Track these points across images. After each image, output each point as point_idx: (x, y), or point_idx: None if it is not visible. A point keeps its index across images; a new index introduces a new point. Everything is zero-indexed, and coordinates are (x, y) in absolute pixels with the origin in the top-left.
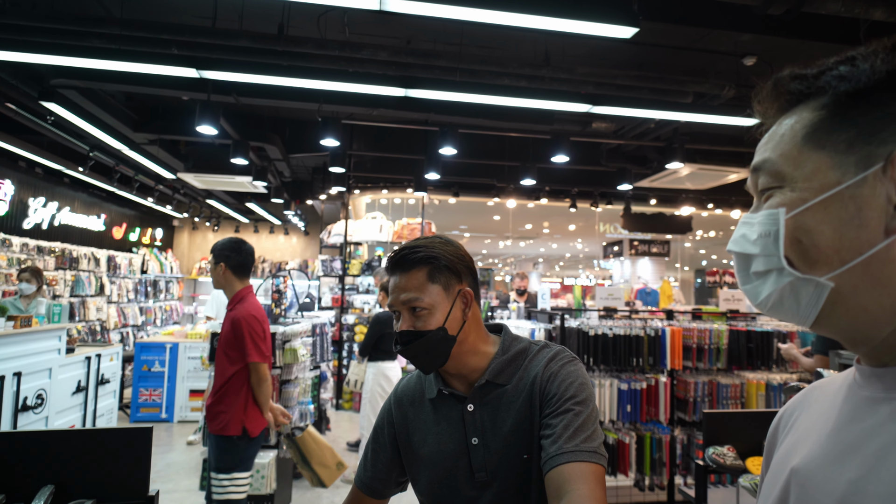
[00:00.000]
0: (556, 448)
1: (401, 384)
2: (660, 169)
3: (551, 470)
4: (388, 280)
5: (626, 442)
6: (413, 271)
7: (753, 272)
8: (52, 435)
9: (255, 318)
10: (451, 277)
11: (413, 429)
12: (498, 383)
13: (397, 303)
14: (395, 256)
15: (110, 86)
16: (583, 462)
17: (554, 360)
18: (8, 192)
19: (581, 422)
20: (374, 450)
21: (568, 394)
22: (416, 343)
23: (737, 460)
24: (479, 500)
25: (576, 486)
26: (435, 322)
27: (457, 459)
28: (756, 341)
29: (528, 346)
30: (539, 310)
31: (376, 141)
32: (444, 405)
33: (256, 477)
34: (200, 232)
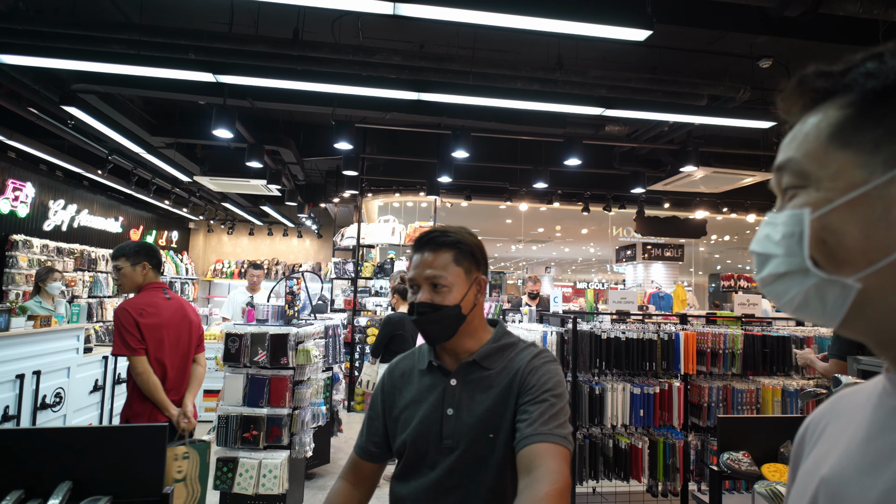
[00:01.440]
0: (532, 430)
1: (395, 360)
2: (674, 172)
3: (525, 448)
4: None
5: (639, 447)
6: (441, 252)
7: (777, 273)
8: (69, 432)
9: (126, 310)
10: (472, 264)
11: (399, 396)
12: (483, 366)
13: (421, 277)
14: (427, 236)
15: (129, 90)
16: (553, 444)
17: (537, 357)
18: (29, 195)
19: (556, 411)
20: (370, 416)
21: (547, 386)
22: (433, 314)
23: (752, 466)
24: (441, 463)
25: (545, 461)
26: (452, 299)
27: (431, 425)
28: (772, 346)
29: (517, 342)
30: (551, 313)
31: (389, 144)
32: (432, 376)
33: (269, 477)
34: (215, 234)
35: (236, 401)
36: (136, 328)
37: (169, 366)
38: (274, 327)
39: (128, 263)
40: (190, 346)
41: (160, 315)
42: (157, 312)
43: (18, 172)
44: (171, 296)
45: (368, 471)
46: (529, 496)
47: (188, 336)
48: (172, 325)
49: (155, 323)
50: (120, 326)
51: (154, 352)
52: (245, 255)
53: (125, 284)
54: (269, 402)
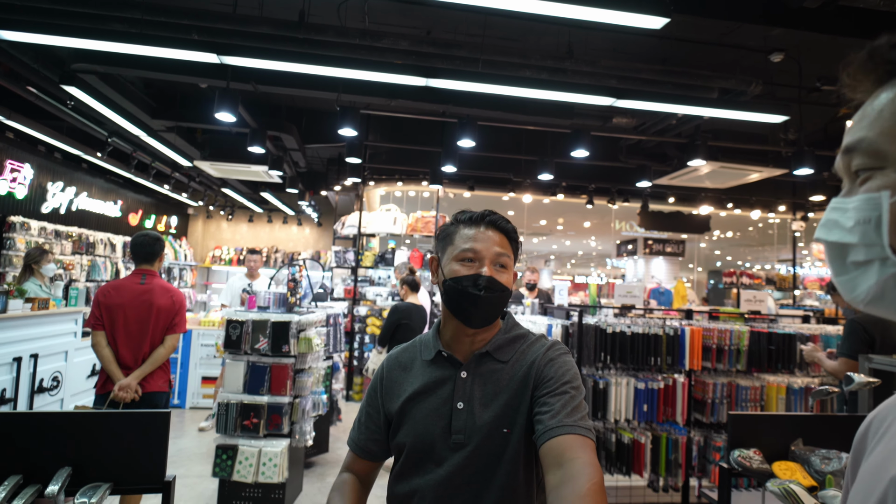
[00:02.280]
0: (556, 421)
1: (394, 351)
2: (680, 166)
3: (551, 439)
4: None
5: (642, 442)
6: (503, 234)
7: (851, 262)
8: (69, 417)
9: (98, 291)
10: (515, 255)
11: (400, 389)
12: (496, 358)
13: (489, 252)
14: (491, 215)
15: (130, 71)
16: (581, 436)
17: (552, 349)
18: (27, 176)
19: (577, 404)
20: (368, 413)
21: (566, 378)
22: (500, 294)
23: (763, 464)
24: (449, 460)
25: (577, 454)
26: (509, 280)
27: (438, 418)
28: (777, 343)
29: (527, 334)
30: (556, 306)
31: (392, 132)
32: (439, 367)
33: (269, 465)
34: (214, 221)
35: (237, 388)
36: (97, 306)
37: (120, 344)
38: (276, 314)
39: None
40: (147, 328)
41: (122, 297)
42: (119, 295)
43: (17, 153)
44: (146, 282)
45: (367, 468)
46: (571, 493)
47: (147, 319)
48: (132, 308)
49: (114, 303)
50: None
51: (109, 329)
52: (244, 241)
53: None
54: (269, 390)
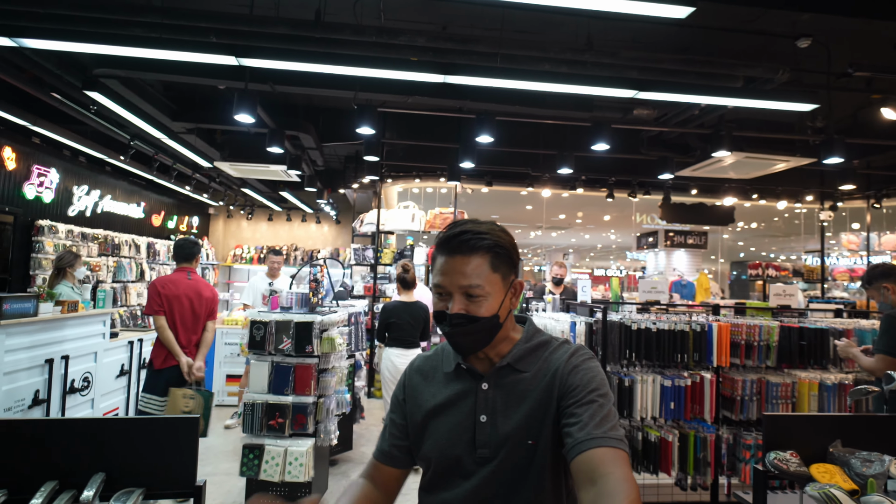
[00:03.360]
0: (585, 433)
1: (417, 360)
2: (703, 157)
3: (581, 453)
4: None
5: (669, 440)
6: (475, 256)
7: None
8: (102, 423)
9: (154, 284)
10: (509, 268)
11: (423, 400)
12: (517, 369)
13: (453, 286)
14: (457, 237)
15: (150, 75)
16: (613, 448)
17: (575, 355)
18: (54, 180)
19: (606, 413)
20: (392, 420)
21: (591, 386)
22: (468, 327)
23: (801, 467)
24: (476, 474)
25: (611, 468)
26: (488, 309)
27: (462, 433)
28: (809, 338)
29: (550, 340)
30: (579, 302)
31: (409, 129)
32: (459, 380)
33: (295, 465)
34: (235, 220)
35: (262, 388)
36: (157, 296)
37: (179, 326)
38: (298, 315)
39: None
40: (198, 314)
41: (177, 289)
42: (175, 287)
43: (43, 158)
44: (192, 277)
45: (391, 476)
46: None
47: (198, 307)
48: (186, 298)
49: (172, 294)
50: (149, 295)
51: (169, 315)
52: (264, 240)
53: None
54: (294, 390)
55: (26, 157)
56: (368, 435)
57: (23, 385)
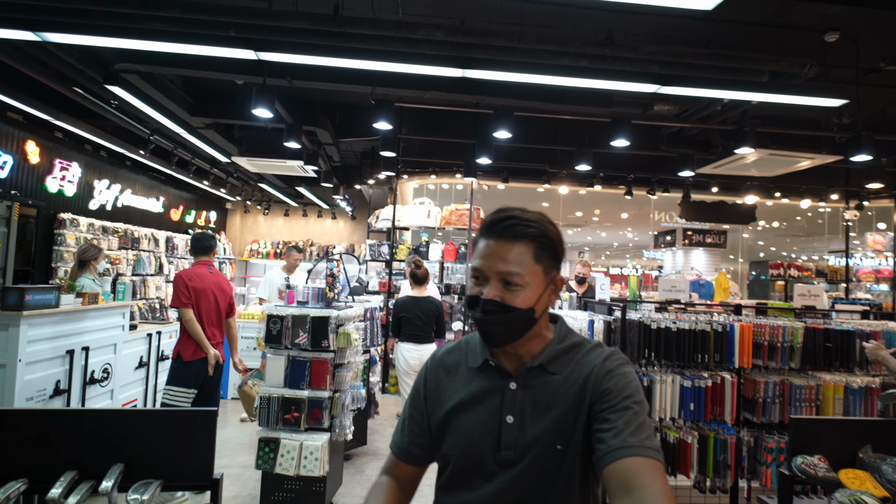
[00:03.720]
0: (620, 441)
1: (440, 352)
2: (725, 154)
3: (616, 461)
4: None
5: (688, 442)
6: (519, 243)
7: None
8: (121, 414)
9: (180, 277)
10: (552, 261)
11: (445, 395)
12: (549, 370)
13: (491, 270)
14: (503, 221)
15: (170, 70)
16: (650, 458)
17: (610, 359)
18: (76, 174)
19: (641, 421)
20: (412, 416)
21: (627, 392)
22: (501, 315)
23: (830, 472)
24: (499, 476)
25: (648, 480)
26: (525, 300)
27: (486, 432)
28: (835, 340)
29: (583, 342)
30: (597, 301)
31: (426, 125)
32: (486, 377)
33: (310, 459)
34: (252, 215)
35: (278, 382)
36: (186, 289)
37: (205, 319)
38: (315, 310)
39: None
40: (221, 308)
41: (203, 283)
42: (202, 281)
43: (65, 152)
44: (213, 271)
45: (409, 473)
46: None
47: (222, 301)
48: (211, 291)
49: (199, 287)
50: (175, 287)
51: (196, 308)
52: (280, 235)
53: None
54: (309, 385)
55: (49, 151)
56: (382, 430)
57: (44, 375)
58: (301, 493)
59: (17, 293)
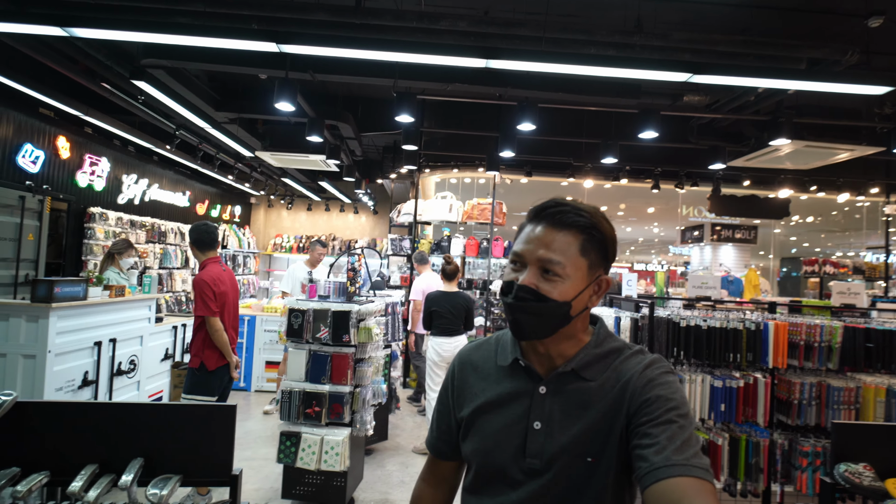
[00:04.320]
0: (663, 459)
1: (468, 347)
2: (758, 146)
3: (659, 482)
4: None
5: (719, 444)
6: (566, 232)
7: None
8: (141, 408)
9: (205, 282)
10: (600, 259)
11: (471, 393)
12: (582, 376)
13: (531, 255)
14: (553, 207)
15: (194, 65)
16: (698, 479)
17: (652, 367)
18: (105, 169)
19: (687, 436)
20: (440, 411)
21: (670, 404)
22: (533, 304)
23: (876, 482)
24: (524, 485)
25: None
26: (562, 293)
27: (511, 436)
28: (877, 341)
29: (623, 347)
30: (623, 297)
31: (448, 118)
32: (515, 377)
33: (331, 454)
34: (275, 209)
35: (299, 376)
36: (214, 295)
37: (228, 323)
38: (336, 304)
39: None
40: (237, 306)
41: (225, 285)
42: (223, 282)
43: (95, 147)
44: (225, 267)
45: (447, 470)
46: None
47: (237, 299)
48: (232, 292)
49: (223, 290)
50: (202, 294)
51: (222, 313)
52: (303, 229)
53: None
54: (330, 379)
55: (79, 146)
56: (403, 425)
57: (73, 366)
58: (322, 487)
59: (46, 285)
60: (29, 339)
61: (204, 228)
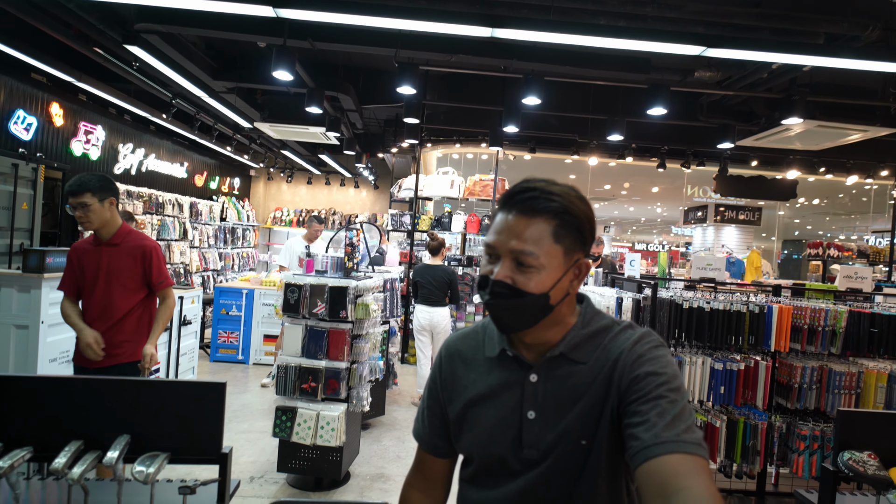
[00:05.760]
0: (653, 436)
1: (453, 337)
2: (769, 125)
3: (649, 460)
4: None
5: (717, 426)
6: (538, 219)
7: None
8: (127, 384)
9: (157, 246)
10: (576, 242)
11: (461, 386)
12: (572, 359)
13: (503, 247)
14: (522, 193)
15: (190, 30)
16: (689, 454)
17: (641, 342)
18: (100, 138)
19: (678, 410)
20: (430, 406)
21: (660, 379)
22: (511, 300)
23: (881, 471)
24: (522, 476)
25: (689, 481)
26: (539, 284)
27: (506, 429)
28: (881, 326)
29: (611, 324)
30: (626, 277)
31: (451, 91)
32: (504, 368)
33: (327, 429)
34: (275, 182)
35: (295, 351)
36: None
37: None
38: (333, 279)
39: (95, 199)
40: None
41: None
42: None
43: (90, 115)
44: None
45: (440, 469)
46: None
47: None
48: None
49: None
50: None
51: None
52: (303, 203)
53: (93, 221)
54: (327, 355)
55: (73, 113)
56: (401, 400)
57: (67, 337)
58: (318, 462)
59: (37, 255)
60: (21, 310)
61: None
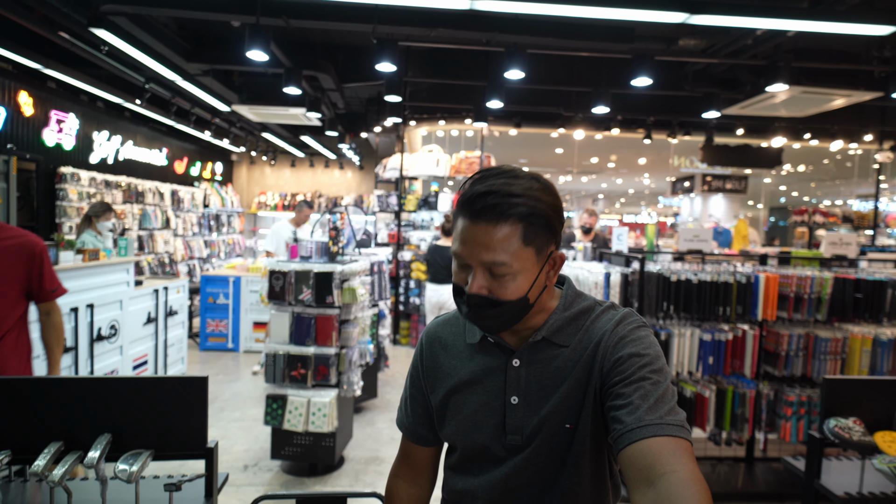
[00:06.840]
0: (635, 419)
1: (435, 323)
2: (755, 93)
3: (632, 444)
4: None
5: (706, 396)
6: (503, 225)
7: None
8: (106, 382)
9: (45, 244)
10: (547, 238)
11: (443, 373)
12: (554, 342)
13: (473, 258)
14: (482, 198)
15: (159, 11)
16: (672, 437)
17: (623, 323)
18: (73, 127)
19: (661, 392)
20: (412, 395)
21: (643, 360)
22: (489, 310)
23: (865, 436)
24: (506, 462)
25: (672, 465)
26: (516, 290)
27: (488, 415)
28: (866, 291)
29: (593, 306)
30: (614, 252)
31: (434, 67)
32: (486, 354)
33: (318, 415)
34: (258, 167)
35: (283, 339)
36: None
37: None
38: (318, 265)
39: None
40: None
41: None
42: None
43: (60, 103)
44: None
45: (425, 458)
46: None
47: None
48: None
49: None
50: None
51: None
52: (288, 187)
53: None
54: (315, 341)
55: (43, 102)
56: (394, 382)
57: None
58: (311, 448)
59: None
60: None
61: None
